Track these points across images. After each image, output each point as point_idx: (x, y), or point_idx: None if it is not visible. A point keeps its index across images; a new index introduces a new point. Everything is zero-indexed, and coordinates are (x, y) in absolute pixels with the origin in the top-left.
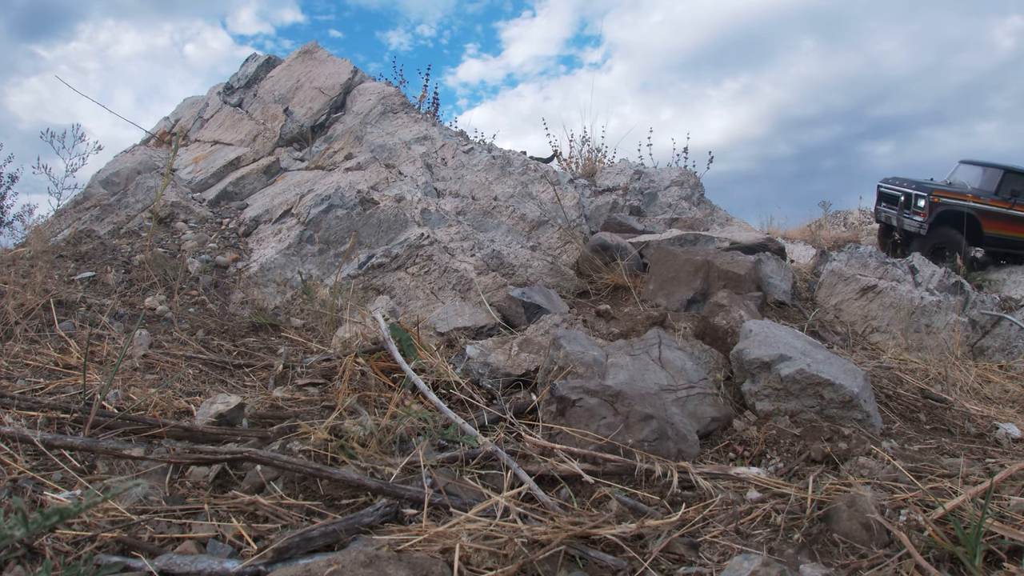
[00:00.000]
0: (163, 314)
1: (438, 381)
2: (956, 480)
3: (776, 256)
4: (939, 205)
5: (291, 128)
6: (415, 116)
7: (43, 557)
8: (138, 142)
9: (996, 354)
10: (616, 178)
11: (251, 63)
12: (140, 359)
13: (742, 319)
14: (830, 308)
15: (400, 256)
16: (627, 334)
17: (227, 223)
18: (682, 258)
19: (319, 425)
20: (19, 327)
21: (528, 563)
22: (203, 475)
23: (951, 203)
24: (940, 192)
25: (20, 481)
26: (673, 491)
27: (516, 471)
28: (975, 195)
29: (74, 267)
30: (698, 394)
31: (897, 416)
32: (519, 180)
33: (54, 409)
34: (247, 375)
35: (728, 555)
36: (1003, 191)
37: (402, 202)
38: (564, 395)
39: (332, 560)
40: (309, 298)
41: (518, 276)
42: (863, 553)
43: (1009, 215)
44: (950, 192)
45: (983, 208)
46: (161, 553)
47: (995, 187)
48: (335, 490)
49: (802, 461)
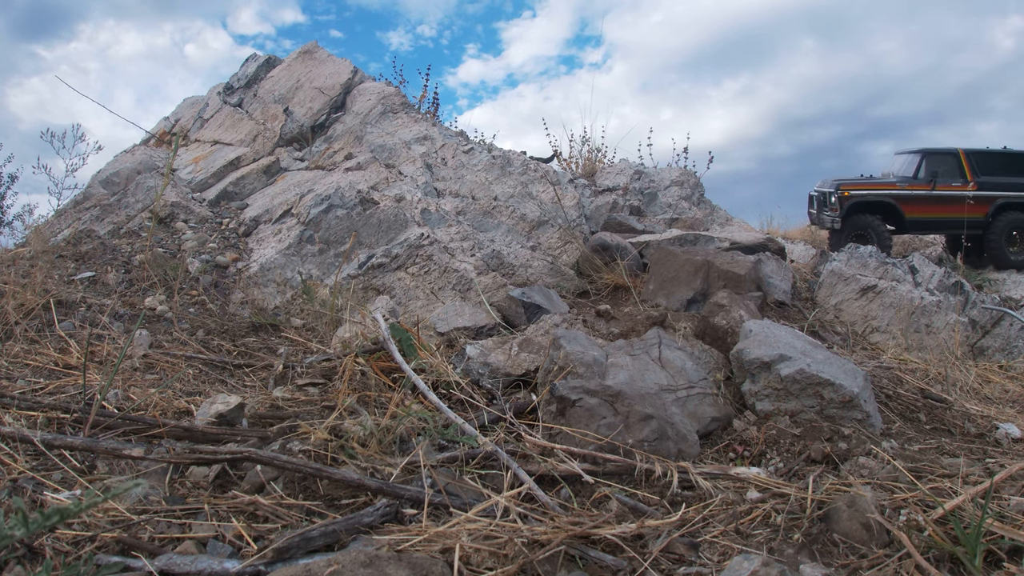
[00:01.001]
0: (163, 314)
1: (438, 381)
2: (956, 480)
3: (776, 256)
4: (849, 198)
5: (291, 128)
6: (415, 116)
7: (43, 557)
8: (138, 142)
9: (996, 354)
10: (616, 178)
11: (251, 63)
12: (140, 359)
13: (742, 319)
14: (830, 308)
15: (400, 256)
16: (627, 334)
17: (227, 223)
18: (682, 258)
19: (319, 425)
20: (19, 327)
21: (528, 563)
22: (203, 475)
23: (861, 194)
24: (848, 185)
25: (20, 481)
26: (673, 491)
27: (516, 471)
28: (893, 183)
29: (74, 267)
30: (698, 394)
31: (897, 416)
32: (519, 180)
33: (54, 409)
34: (247, 375)
35: (728, 555)
36: (922, 174)
37: (402, 202)
38: (564, 395)
39: (332, 560)
40: (309, 298)
41: (518, 276)
42: (863, 553)
43: (930, 197)
44: (860, 184)
45: (900, 194)
46: (161, 553)
47: (914, 171)
48: (335, 490)
49: (802, 461)
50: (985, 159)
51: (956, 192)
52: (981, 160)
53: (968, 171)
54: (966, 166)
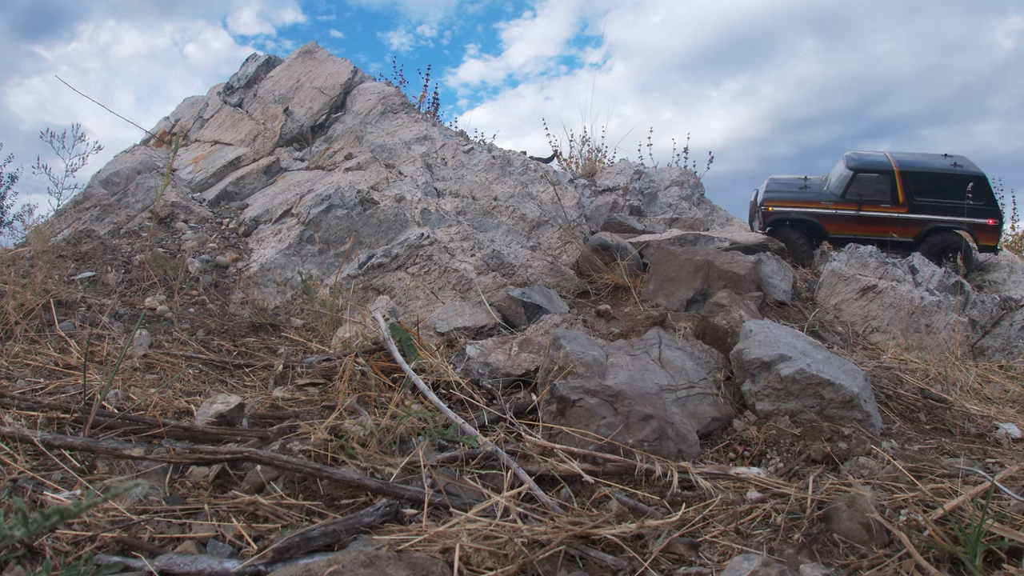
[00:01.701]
0: (163, 314)
1: (438, 381)
2: (956, 480)
3: (776, 256)
4: (772, 213)
5: (291, 128)
6: (415, 116)
7: (43, 557)
8: (138, 142)
9: (996, 354)
10: (616, 178)
11: (251, 63)
12: (140, 359)
13: (742, 319)
14: (830, 308)
15: (400, 256)
16: (627, 334)
17: (227, 223)
18: (682, 258)
19: (319, 425)
20: (19, 327)
21: (528, 563)
22: (203, 475)
23: (784, 211)
24: (771, 202)
25: (20, 481)
26: (673, 491)
27: (516, 471)
28: (818, 200)
29: (74, 267)
30: (698, 394)
31: (897, 416)
32: (519, 180)
33: (54, 409)
34: (247, 375)
35: (728, 555)
36: (850, 194)
37: (402, 202)
38: (564, 395)
39: (332, 560)
40: (309, 298)
41: (518, 276)
42: (863, 553)
43: (854, 217)
44: (785, 201)
45: (823, 213)
46: (161, 553)
47: (843, 190)
48: (335, 490)
49: (802, 461)
50: (921, 179)
51: (883, 214)
52: (917, 181)
53: (901, 192)
54: (900, 187)
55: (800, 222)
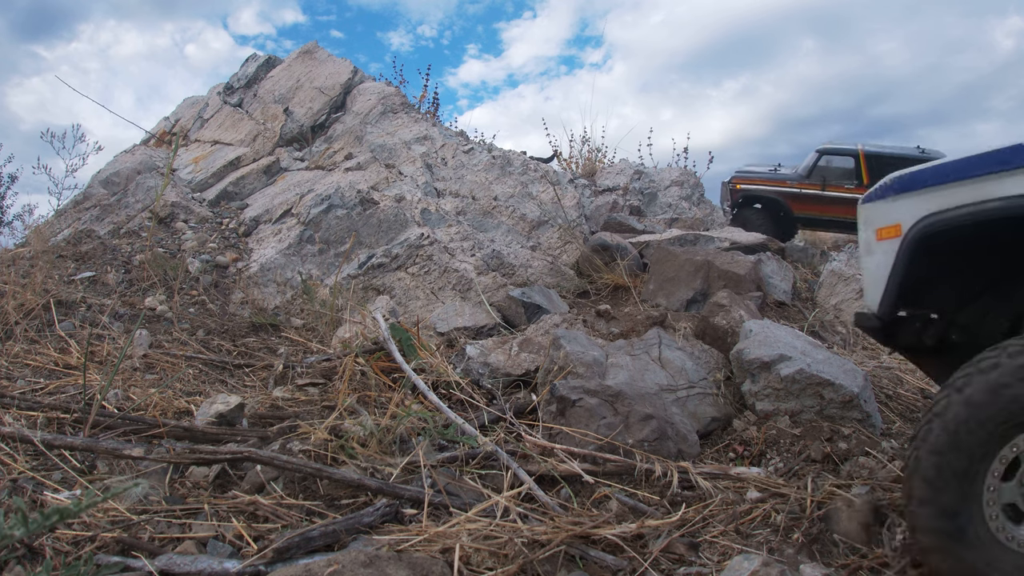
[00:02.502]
0: (163, 314)
1: (438, 381)
2: None
3: (776, 256)
4: (739, 192)
5: (291, 128)
6: (415, 116)
7: (43, 557)
8: (138, 142)
9: None
10: (616, 178)
11: (251, 63)
12: (140, 359)
13: (742, 319)
14: (830, 308)
15: (400, 256)
16: (627, 334)
17: (227, 223)
18: (682, 258)
19: (319, 425)
20: (19, 327)
21: (528, 563)
22: (203, 475)
23: (751, 189)
24: (739, 180)
25: (20, 481)
26: (673, 491)
27: (516, 471)
28: (784, 180)
29: (74, 267)
30: (698, 394)
31: (897, 416)
32: (519, 180)
33: (54, 409)
34: (247, 375)
35: (728, 555)
36: (815, 176)
37: (402, 202)
38: (564, 395)
39: (332, 560)
40: (309, 298)
41: (518, 276)
42: (863, 553)
43: (819, 196)
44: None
45: (790, 192)
46: (161, 553)
47: (808, 171)
48: (335, 490)
49: (802, 461)
50: (885, 162)
51: (845, 194)
52: (881, 163)
53: (866, 174)
54: (864, 169)
55: (764, 199)
